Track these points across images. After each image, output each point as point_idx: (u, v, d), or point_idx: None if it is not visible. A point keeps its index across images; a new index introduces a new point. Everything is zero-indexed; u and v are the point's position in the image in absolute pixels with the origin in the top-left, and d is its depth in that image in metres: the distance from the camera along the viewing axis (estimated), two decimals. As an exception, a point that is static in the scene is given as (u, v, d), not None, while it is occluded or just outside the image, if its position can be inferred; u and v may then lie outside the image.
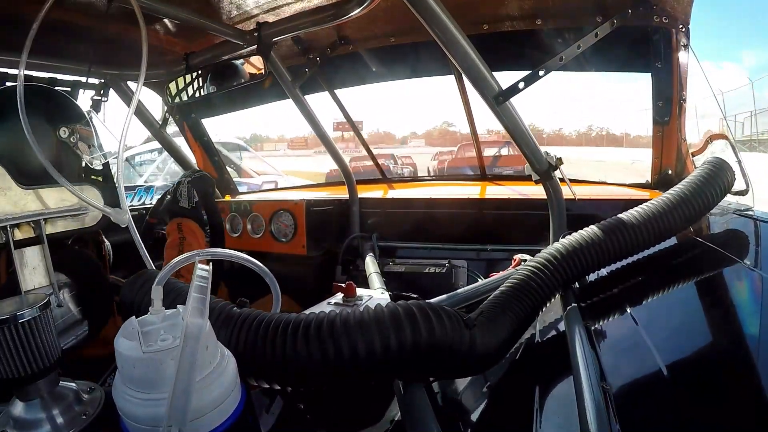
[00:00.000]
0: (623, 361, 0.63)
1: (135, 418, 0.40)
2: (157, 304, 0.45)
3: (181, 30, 1.35)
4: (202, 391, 0.40)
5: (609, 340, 0.68)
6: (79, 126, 1.04)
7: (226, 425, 0.42)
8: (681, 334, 0.67)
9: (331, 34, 1.59)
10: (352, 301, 0.96)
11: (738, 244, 0.97)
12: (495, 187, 1.92)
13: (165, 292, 0.66)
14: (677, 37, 1.22)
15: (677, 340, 0.66)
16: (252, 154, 8.51)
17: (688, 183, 0.93)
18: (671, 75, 1.27)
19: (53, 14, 1.06)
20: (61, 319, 0.97)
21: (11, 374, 0.47)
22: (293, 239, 1.66)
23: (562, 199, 1.24)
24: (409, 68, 1.75)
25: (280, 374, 0.58)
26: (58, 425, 0.49)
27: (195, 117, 2.07)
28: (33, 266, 0.93)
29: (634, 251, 0.86)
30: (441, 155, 13.98)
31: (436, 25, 0.92)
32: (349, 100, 1.94)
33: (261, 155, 10.04)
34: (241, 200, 1.92)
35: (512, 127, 1.09)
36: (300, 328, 0.58)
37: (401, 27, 1.51)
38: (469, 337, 0.61)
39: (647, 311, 0.76)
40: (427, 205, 1.76)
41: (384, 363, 0.57)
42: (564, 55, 1.08)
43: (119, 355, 0.41)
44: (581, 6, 1.25)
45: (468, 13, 1.34)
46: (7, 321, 0.45)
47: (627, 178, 1.73)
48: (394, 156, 12.47)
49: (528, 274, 0.78)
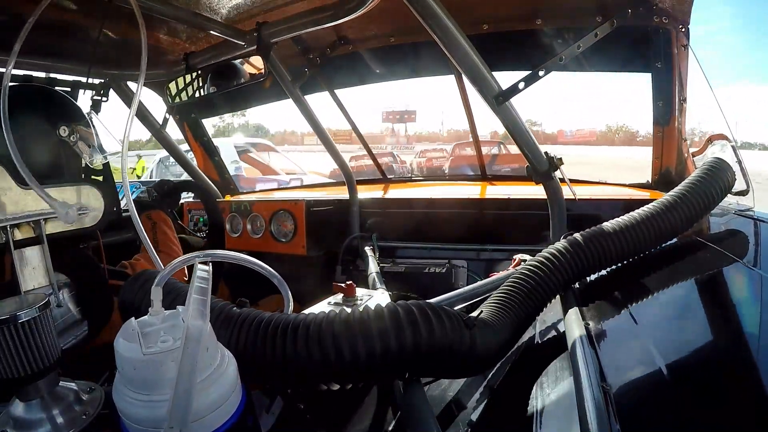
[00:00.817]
0: (623, 361, 0.63)
1: (135, 419, 0.40)
2: (156, 305, 0.45)
3: (181, 30, 1.35)
4: (203, 392, 0.40)
5: (609, 340, 0.68)
6: (79, 126, 1.04)
7: (227, 426, 0.42)
8: (681, 334, 0.67)
9: (331, 34, 1.59)
10: (352, 301, 0.96)
11: (738, 244, 0.97)
12: (495, 187, 1.92)
13: (164, 293, 0.66)
14: (677, 37, 1.22)
15: (677, 340, 0.66)
16: (281, 150, 9.22)
17: (688, 183, 0.93)
18: (671, 75, 1.27)
19: (53, 14, 1.06)
20: (61, 319, 0.97)
21: (11, 374, 0.47)
22: (293, 239, 1.66)
23: (562, 199, 1.24)
24: (409, 68, 1.75)
25: (280, 375, 0.58)
26: (58, 425, 0.49)
27: (195, 117, 2.07)
28: (33, 266, 0.93)
29: (635, 252, 0.86)
30: (426, 153, 13.74)
31: (435, 25, 0.92)
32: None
33: (291, 150, 10.64)
34: (241, 200, 1.92)
35: (512, 127, 1.09)
36: (300, 328, 0.58)
37: (401, 27, 1.51)
38: (469, 337, 0.61)
39: (647, 311, 0.76)
40: (427, 205, 1.76)
41: (384, 363, 0.57)
42: (564, 55, 1.08)
43: (119, 356, 0.41)
44: (581, 6, 1.25)
45: (468, 13, 1.35)
46: (7, 321, 0.45)
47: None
48: (395, 155, 12.47)
49: (528, 274, 0.78)
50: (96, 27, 1.10)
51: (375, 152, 1.94)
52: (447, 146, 14.78)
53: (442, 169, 10.89)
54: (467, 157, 10.57)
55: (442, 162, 11.56)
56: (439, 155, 12.75)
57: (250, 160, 7.49)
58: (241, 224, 1.78)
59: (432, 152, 13.67)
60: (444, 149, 14.34)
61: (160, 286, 0.47)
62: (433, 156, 12.58)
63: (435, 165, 11.49)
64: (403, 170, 10.30)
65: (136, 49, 1.38)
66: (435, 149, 14.95)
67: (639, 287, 0.86)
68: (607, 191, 1.69)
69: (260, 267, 0.64)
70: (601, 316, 0.77)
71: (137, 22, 0.89)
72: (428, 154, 13.09)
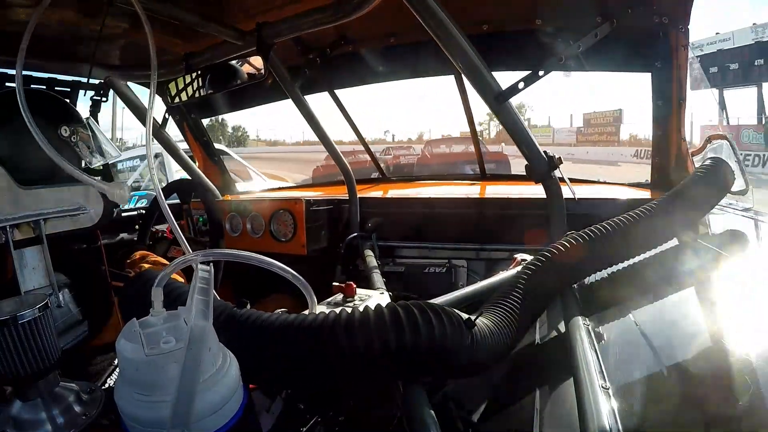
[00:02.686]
0: (623, 361, 0.63)
1: (137, 420, 0.40)
2: (157, 305, 0.45)
3: (181, 30, 1.35)
4: (205, 393, 0.40)
5: (609, 340, 0.68)
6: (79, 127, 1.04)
7: (228, 427, 0.42)
8: (681, 334, 0.68)
9: (331, 34, 1.58)
10: (351, 301, 0.96)
11: (738, 244, 0.97)
12: (495, 186, 1.92)
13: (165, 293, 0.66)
14: (677, 37, 1.22)
15: (677, 341, 0.66)
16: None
17: (688, 183, 0.93)
18: (671, 75, 1.27)
19: (53, 15, 1.06)
20: (61, 320, 0.97)
21: (11, 374, 0.47)
22: (293, 239, 1.66)
23: (562, 198, 1.24)
24: (409, 68, 1.75)
25: (280, 375, 0.58)
26: (58, 425, 0.49)
27: (195, 117, 2.07)
28: (33, 266, 0.93)
29: (635, 252, 0.86)
30: (390, 150, 13.58)
31: (436, 25, 0.92)
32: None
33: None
34: (241, 200, 1.92)
35: (512, 126, 1.09)
36: (300, 329, 0.58)
37: (401, 27, 1.51)
38: (469, 337, 0.61)
39: (647, 311, 0.76)
40: (427, 205, 1.76)
41: (384, 363, 0.57)
42: (564, 55, 1.08)
43: (121, 357, 0.41)
44: (581, 6, 1.25)
45: (468, 13, 1.34)
46: (7, 321, 0.45)
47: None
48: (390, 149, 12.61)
49: (528, 274, 0.78)
50: (96, 27, 1.10)
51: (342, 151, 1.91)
52: (417, 146, 15.13)
53: (411, 166, 11.22)
54: (439, 155, 11.19)
55: (410, 159, 11.87)
56: (405, 153, 12.97)
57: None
58: (240, 224, 1.78)
59: (397, 149, 13.71)
60: (412, 147, 14.72)
61: (160, 287, 0.47)
62: (400, 154, 12.64)
63: (402, 163, 11.59)
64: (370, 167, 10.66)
65: (136, 50, 1.38)
66: (401, 146, 15.09)
67: (639, 287, 0.86)
68: (607, 191, 1.69)
69: (282, 269, 0.64)
70: (601, 316, 0.77)
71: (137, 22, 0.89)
72: (393, 152, 13.05)
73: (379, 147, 10.76)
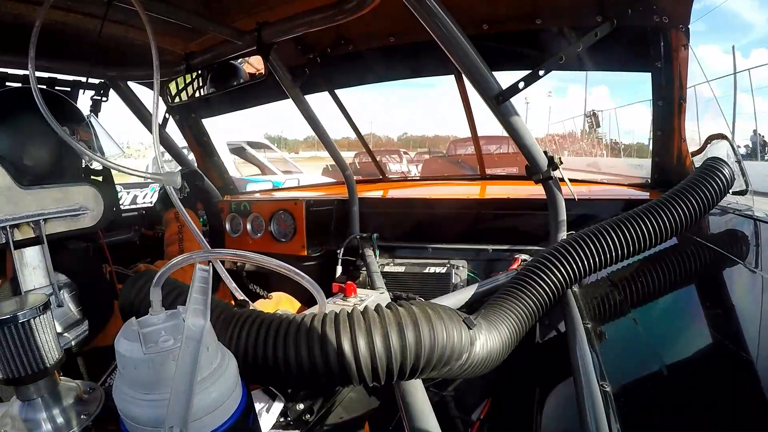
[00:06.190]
0: (623, 361, 0.63)
1: (135, 418, 0.40)
2: (156, 305, 0.45)
3: (181, 30, 1.35)
4: (203, 391, 0.40)
5: (609, 340, 0.68)
6: (80, 128, 1.04)
7: (227, 426, 0.42)
8: (681, 334, 0.67)
9: (331, 34, 1.59)
10: (352, 302, 0.96)
11: (738, 244, 0.97)
12: (495, 187, 1.92)
13: (166, 292, 0.66)
14: (677, 37, 1.22)
15: (677, 340, 0.66)
16: (278, 154, 9.08)
17: (687, 183, 0.93)
18: (671, 75, 1.27)
19: (53, 15, 1.06)
20: (61, 319, 0.97)
21: (11, 374, 0.47)
22: (293, 239, 1.66)
23: (562, 199, 1.24)
24: (409, 68, 1.75)
25: (280, 375, 0.58)
26: (58, 425, 0.49)
27: (195, 117, 2.07)
28: (33, 266, 0.93)
29: (634, 252, 0.86)
30: (360, 156, 13.63)
31: (436, 25, 0.92)
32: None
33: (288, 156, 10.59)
34: (241, 200, 1.92)
35: (512, 126, 1.09)
36: (301, 328, 0.58)
37: (401, 27, 1.51)
38: (469, 337, 0.62)
39: (647, 311, 0.76)
40: (427, 205, 1.76)
41: (385, 363, 0.57)
42: (564, 55, 1.08)
43: (120, 356, 0.41)
44: (581, 6, 1.25)
45: (468, 13, 1.34)
46: (7, 321, 0.45)
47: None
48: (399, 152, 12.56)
49: (528, 275, 0.78)
50: (96, 27, 1.10)
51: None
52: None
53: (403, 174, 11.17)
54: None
55: (399, 167, 11.66)
56: (396, 159, 12.87)
57: (249, 158, 7.47)
58: (240, 224, 1.78)
59: (383, 154, 13.70)
60: (401, 151, 14.63)
61: (158, 287, 0.47)
62: (386, 161, 12.60)
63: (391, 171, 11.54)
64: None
65: (136, 49, 1.38)
66: (387, 151, 15.22)
67: (638, 287, 0.86)
68: (607, 191, 1.69)
69: (292, 271, 0.63)
70: (601, 316, 0.77)
71: (137, 22, 0.89)
72: (363, 158, 13.02)
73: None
